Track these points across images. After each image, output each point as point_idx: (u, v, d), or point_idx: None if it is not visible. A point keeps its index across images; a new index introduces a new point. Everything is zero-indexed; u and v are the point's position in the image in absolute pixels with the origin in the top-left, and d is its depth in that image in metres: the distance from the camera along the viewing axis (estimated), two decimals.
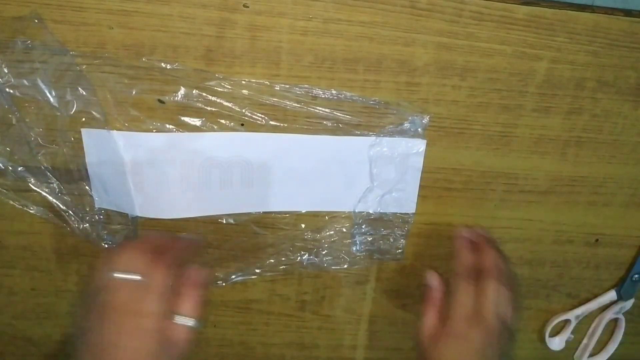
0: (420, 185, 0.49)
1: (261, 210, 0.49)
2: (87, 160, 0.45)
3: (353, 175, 0.48)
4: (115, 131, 0.44)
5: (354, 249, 0.51)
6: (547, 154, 0.50)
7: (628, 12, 0.44)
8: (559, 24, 0.44)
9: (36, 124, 0.44)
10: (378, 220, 0.50)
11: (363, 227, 0.50)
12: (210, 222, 0.49)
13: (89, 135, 0.44)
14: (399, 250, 0.52)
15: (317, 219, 0.50)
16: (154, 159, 0.45)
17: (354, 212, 0.50)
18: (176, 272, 0.39)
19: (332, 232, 0.50)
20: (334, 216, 0.50)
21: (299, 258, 0.51)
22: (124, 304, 0.38)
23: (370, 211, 0.50)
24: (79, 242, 0.48)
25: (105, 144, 0.44)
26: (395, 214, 0.50)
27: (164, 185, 0.46)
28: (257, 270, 0.51)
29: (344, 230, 0.50)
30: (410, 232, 0.51)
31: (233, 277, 0.51)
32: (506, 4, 0.42)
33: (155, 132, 0.44)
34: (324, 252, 0.51)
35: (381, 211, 0.50)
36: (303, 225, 0.50)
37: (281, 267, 0.51)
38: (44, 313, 0.52)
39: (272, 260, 0.51)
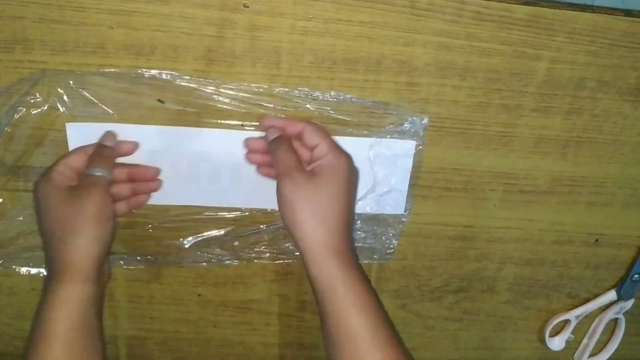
0: (420, 185, 0.49)
1: (252, 207, 0.49)
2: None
3: None
4: (101, 123, 0.44)
5: None
6: (547, 154, 0.50)
7: (628, 12, 0.44)
8: (559, 24, 0.44)
9: (36, 124, 0.44)
10: (374, 219, 0.50)
11: (358, 222, 0.50)
12: (204, 215, 0.49)
13: (74, 130, 0.44)
14: (390, 251, 0.52)
15: None
16: (143, 149, 0.45)
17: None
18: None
19: None
20: None
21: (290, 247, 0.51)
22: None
23: (368, 209, 0.50)
24: None
25: (91, 137, 0.44)
26: (390, 214, 0.50)
27: (163, 176, 0.46)
28: (251, 254, 0.51)
29: None
30: (410, 232, 0.51)
31: (228, 261, 0.51)
32: (506, 4, 0.42)
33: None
34: None
35: (377, 212, 0.50)
36: None
37: (269, 254, 0.51)
38: None
39: (265, 249, 0.51)
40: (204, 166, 0.46)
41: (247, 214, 0.49)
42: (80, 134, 0.44)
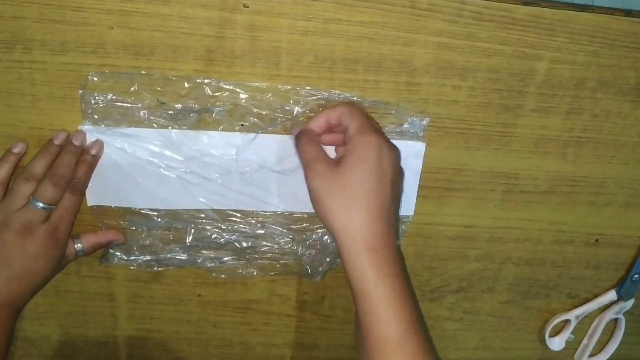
0: (420, 185, 0.49)
1: (259, 209, 0.49)
2: None
3: None
4: (113, 128, 0.44)
5: None
6: (547, 154, 0.50)
7: (628, 12, 0.44)
8: (559, 24, 0.44)
9: (37, 124, 0.44)
10: None
11: None
12: (204, 216, 0.49)
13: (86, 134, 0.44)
14: None
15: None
16: (154, 154, 0.45)
17: None
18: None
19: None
20: None
21: (293, 248, 0.51)
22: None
23: None
24: None
25: (104, 141, 0.44)
26: None
27: (164, 179, 0.46)
28: (252, 255, 0.51)
29: None
30: (410, 232, 0.51)
31: (226, 258, 0.51)
32: (506, 4, 0.42)
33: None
34: (314, 248, 0.51)
35: None
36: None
37: (269, 254, 0.51)
38: (44, 313, 0.52)
39: (265, 249, 0.51)
40: (205, 167, 0.46)
41: (247, 214, 0.49)
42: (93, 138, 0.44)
